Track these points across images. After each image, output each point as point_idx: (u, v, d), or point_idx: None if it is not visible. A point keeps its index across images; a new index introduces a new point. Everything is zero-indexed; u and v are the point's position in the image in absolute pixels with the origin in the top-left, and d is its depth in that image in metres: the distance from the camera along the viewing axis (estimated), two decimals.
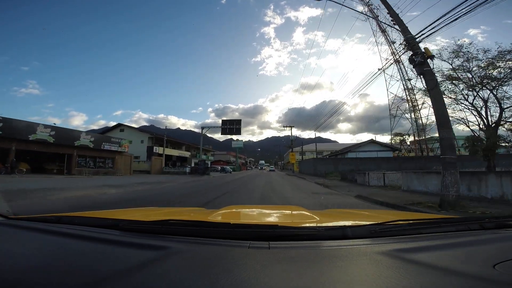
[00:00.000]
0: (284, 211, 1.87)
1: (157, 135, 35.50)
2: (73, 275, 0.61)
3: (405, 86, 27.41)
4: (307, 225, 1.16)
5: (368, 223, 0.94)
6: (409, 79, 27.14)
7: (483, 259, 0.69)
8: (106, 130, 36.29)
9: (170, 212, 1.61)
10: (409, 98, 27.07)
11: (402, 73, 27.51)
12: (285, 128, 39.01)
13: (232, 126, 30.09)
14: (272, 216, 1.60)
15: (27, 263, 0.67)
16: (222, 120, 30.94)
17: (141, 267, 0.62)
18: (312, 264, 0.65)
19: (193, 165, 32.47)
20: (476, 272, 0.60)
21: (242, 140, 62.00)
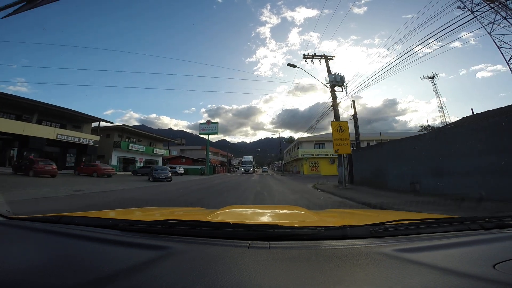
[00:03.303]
0: (284, 211, 1.87)
1: None
2: (73, 275, 0.61)
3: None
4: (307, 225, 1.16)
5: (368, 223, 0.94)
6: None
7: (483, 259, 0.68)
8: None
9: (170, 212, 1.61)
10: None
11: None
12: (302, 63, 17.62)
13: None
14: (272, 216, 1.60)
15: (27, 263, 0.67)
16: None
17: (142, 267, 0.62)
18: (312, 264, 0.65)
19: (113, 162, 16.89)
20: (476, 272, 0.59)
21: (217, 122, 39.84)
